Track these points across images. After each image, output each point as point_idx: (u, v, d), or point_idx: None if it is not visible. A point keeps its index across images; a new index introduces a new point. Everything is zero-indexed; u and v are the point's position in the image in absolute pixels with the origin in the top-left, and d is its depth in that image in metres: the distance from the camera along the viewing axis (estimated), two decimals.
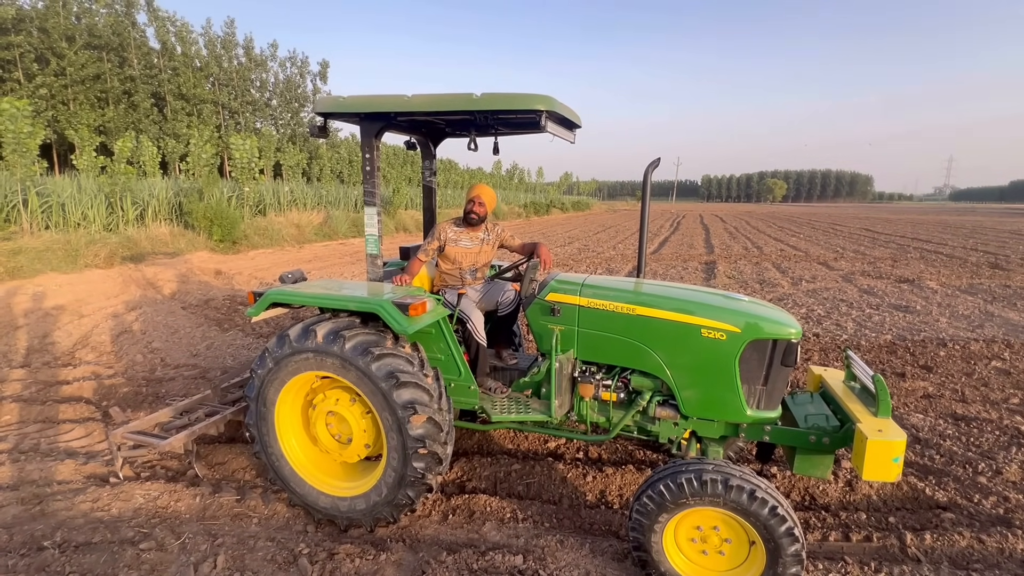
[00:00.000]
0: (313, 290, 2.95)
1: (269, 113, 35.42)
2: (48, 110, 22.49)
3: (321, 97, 2.91)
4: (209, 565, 2.56)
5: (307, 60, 36.24)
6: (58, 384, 4.96)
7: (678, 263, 13.63)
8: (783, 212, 59.08)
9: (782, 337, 2.60)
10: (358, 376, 2.67)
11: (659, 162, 3.14)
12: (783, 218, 40.85)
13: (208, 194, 14.40)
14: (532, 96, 2.55)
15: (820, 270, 12.30)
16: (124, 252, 11.13)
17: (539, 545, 2.76)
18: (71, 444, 3.89)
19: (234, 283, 9.74)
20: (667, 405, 2.89)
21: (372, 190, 3.08)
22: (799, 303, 8.60)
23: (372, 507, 2.83)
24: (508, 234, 3.63)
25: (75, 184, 12.55)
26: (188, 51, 29.38)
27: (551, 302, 2.99)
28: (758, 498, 2.17)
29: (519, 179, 64.51)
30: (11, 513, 3.01)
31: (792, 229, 27.07)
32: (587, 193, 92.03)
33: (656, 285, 3.16)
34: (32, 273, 8.79)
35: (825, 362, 5.68)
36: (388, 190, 24.16)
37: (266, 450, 3.00)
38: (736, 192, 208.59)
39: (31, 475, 3.44)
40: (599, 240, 20.57)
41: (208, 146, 15.97)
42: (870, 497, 3.25)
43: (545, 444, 3.95)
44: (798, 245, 18.43)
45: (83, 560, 2.60)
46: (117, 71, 26.20)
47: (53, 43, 23.18)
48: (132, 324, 6.73)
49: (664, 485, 2.32)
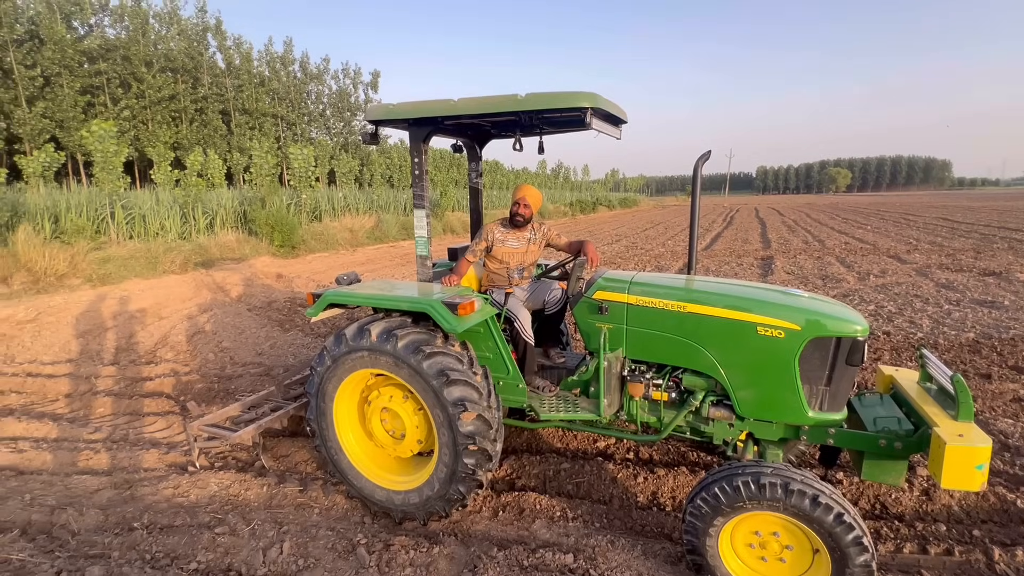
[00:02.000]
0: (367, 291, 3.07)
1: (324, 123, 37.05)
2: (130, 130, 24.57)
3: (372, 105, 3.02)
4: (276, 551, 2.73)
5: (359, 71, 37.65)
6: (142, 380, 5.42)
7: (732, 259, 13.10)
8: (847, 202, 55.43)
9: (847, 335, 2.45)
10: (410, 374, 2.76)
11: (710, 155, 3.04)
12: (847, 209, 38.33)
13: (269, 202, 15.27)
14: (577, 94, 2.54)
15: (891, 263, 11.45)
16: (196, 258, 12.00)
17: (589, 545, 2.74)
18: (155, 435, 4.24)
19: (294, 286, 10.27)
20: (721, 405, 2.80)
21: (421, 193, 3.17)
22: (867, 299, 8.05)
23: (425, 501, 2.92)
24: (554, 233, 3.63)
25: (154, 197, 13.67)
26: (250, 68, 31.23)
27: (599, 300, 2.96)
28: (822, 504, 2.06)
29: (564, 178, 64.08)
30: (106, 496, 3.33)
31: (858, 220, 25.35)
32: (634, 189, 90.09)
33: (708, 282, 3.06)
34: (119, 279, 9.66)
35: (896, 362, 5.30)
36: (436, 193, 24.69)
37: (325, 444, 3.16)
38: (795, 183, 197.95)
39: (122, 462, 3.79)
40: (647, 237, 20.10)
41: (269, 156, 16.91)
42: (951, 508, 3.00)
43: (594, 443, 3.92)
44: (865, 237, 17.24)
45: (167, 541, 2.84)
46: (190, 91, 28.24)
47: (134, 68, 25.30)
48: (204, 325, 7.25)
49: (719, 487, 2.25)
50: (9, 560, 2.61)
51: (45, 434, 4.24)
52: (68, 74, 22.52)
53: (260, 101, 31.02)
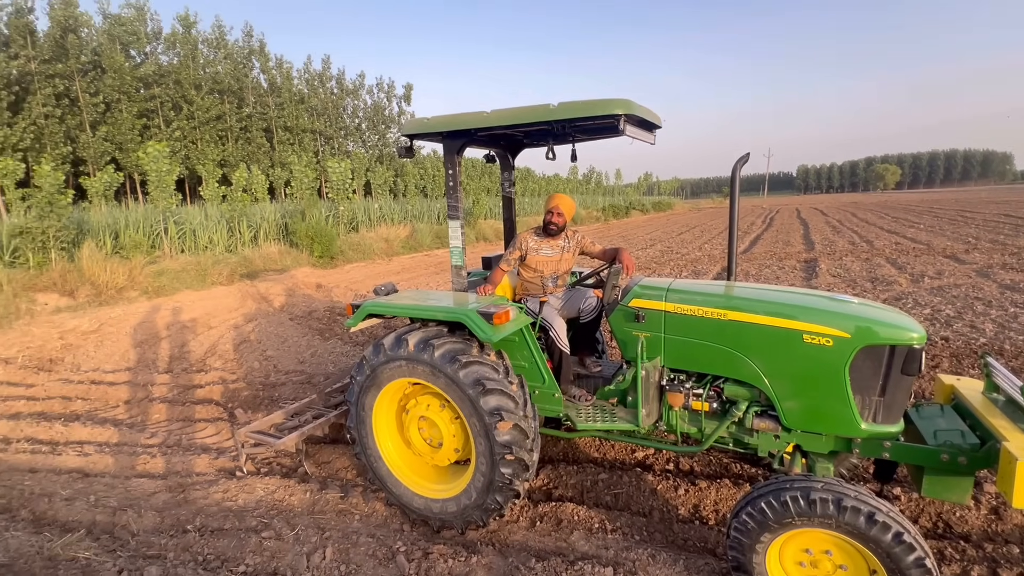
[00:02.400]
0: (404, 301, 3.13)
1: (359, 136, 38.19)
2: (181, 149, 26.04)
3: (407, 120, 3.10)
4: (319, 556, 2.79)
5: (393, 84, 38.69)
6: (193, 387, 5.69)
7: (772, 262, 12.66)
8: (897, 200, 52.70)
9: (901, 342, 2.32)
10: (447, 383, 2.79)
11: (748, 157, 2.96)
12: (897, 207, 36.43)
13: (309, 214, 15.83)
14: (610, 102, 2.52)
15: (947, 264, 10.80)
16: (242, 270, 12.54)
17: (630, 558, 2.68)
18: (205, 440, 4.44)
19: (332, 295, 10.57)
20: (766, 416, 2.70)
21: (455, 204, 3.21)
22: (922, 302, 7.62)
23: (463, 510, 2.93)
24: (588, 240, 3.60)
25: (203, 212, 14.41)
26: (291, 87, 32.59)
27: (635, 308, 2.92)
28: (879, 522, 1.95)
29: (596, 183, 63.69)
30: (162, 499, 3.50)
31: (909, 219, 24.05)
32: (668, 193, 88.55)
33: (749, 288, 2.98)
34: (172, 291, 10.20)
35: (957, 370, 4.98)
36: (468, 201, 24.99)
37: (365, 451, 3.22)
38: (838, 181, 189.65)
39: (176, 467, 3.98)
40: (683, 241, 19.69)
41: (308, 171, 17.57)
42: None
43: (632, 453, 3.85)
44: (917, 237, 16.33)
45: (217, 544, 2.95)
46: (235, 111, 29.71)
47: (184, 92, 26.85)
48: (250, 334, 7.55)
49: (766, 502, 2.16)
50: (77, 558, 2.78)
51: (107, 439, 4.51)
52: (127, 99, 24.09)
53: (300, 118, 32.29)
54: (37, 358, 6.71)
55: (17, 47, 20.47)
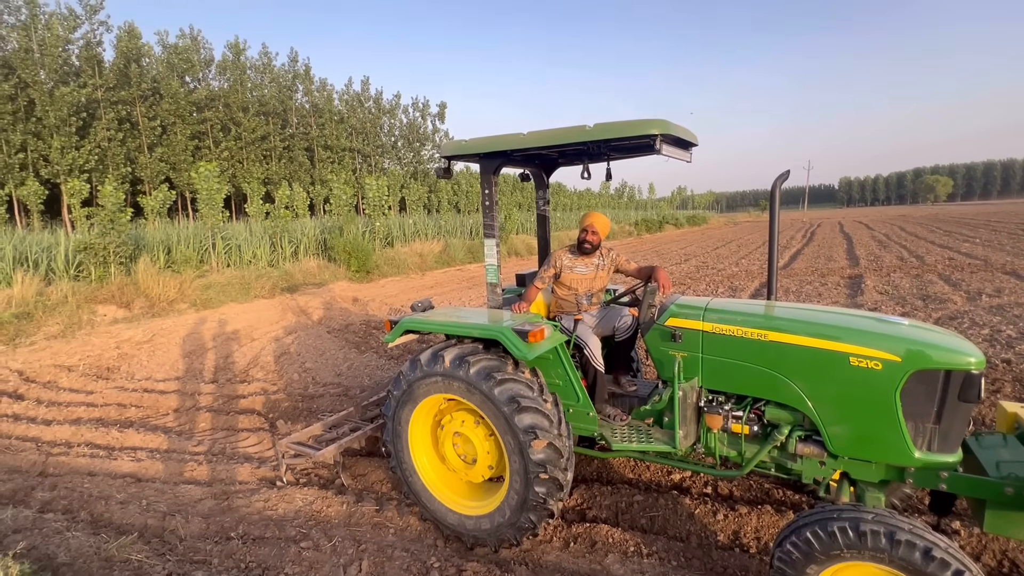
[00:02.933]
0: (440, 318, 3.19)
1: (395, 154, 39.32)
2: (229, 169, 27.44)
3: (446, 143, 3.19)
4: (355, 568, 2.84)
5: (428, 103, 39.79)
6: (237, 398, 5.92)
7: (814, 278, 12.21)
8: (949, 213, 50.06)
9: (958, 367, 2.21)
10: (482, 400, 2.82)
11: (788, 175, 2.91)
12: (950, 220, 34.60)
13: (347, 230, 16.32)
14: (646, 122, 2.54)
15: (1007, 281, 10.17)
16: (282, 284, 13.01)
17: None
18: (248, 450, 4.60)
19: (368, 309, 10.83)
20: (810, 441, 2.60)
21: (492, 223, 3.27)
22: (979, 322, 7.19)
23: (496, 528, 2.93)
24: (623, 258, 3.60)
25: (247, 228, 15.09)
26: (331, 108, 33.97)
27: (672, 327, 2.88)
28: (936, 558, 1.84)
29: (629, 197, 63.24)
30: (208, 506, 3.64)
31: (963, 233, 22.79)
32: (703, 207, 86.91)
33: (791, 308, 2.90)
34: (218, 304, 10.67)
35: (1021, 396, 4.66)
36: (501, 216, 25.22)
37: (400, 465, 3.27)
38: (884, 194, 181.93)
39: (220, 475, 4.14)
40: (719, 256, 19.25)
41: (347, 188, 18.18)
42: None
43: (668, 475, 3.76)
44: (973, 252, 15.45)
45: (259, 552, 3.05)
46: (280, 132, 31.17)
47: (233, 114, 28.39)
48: (290, 347, 7.81)
49: (812, 532, 2.08)
50: (130, 560, 2.92)
51: (158, 445, 4.73)
52: (181, 122, 25.66)
53: (340, 137, 33.55)
54: (96, 366, 7.14)
55: (86, 77, 22.18)
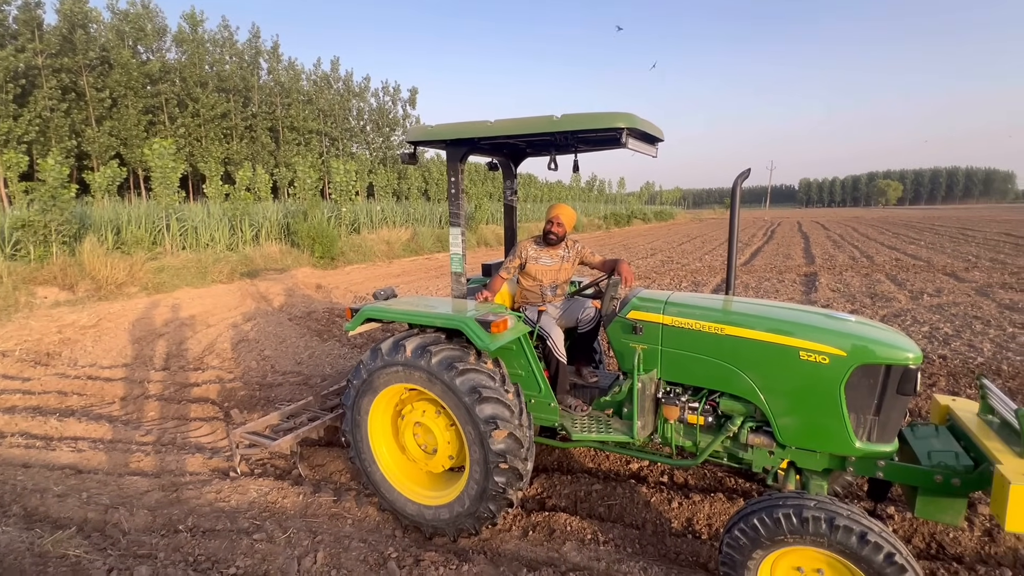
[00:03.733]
0: (402, 307, 3.14)
1: (364, 138, 38.35)
2: (185, 146, 26.14)
3: (412, 127, 3.12)
4: (310, 560, 2.79)
5: (398, 88, 38.92)
6: (190, 386, 5.69)
7: (772, 275, 12.67)
8: (898, 216, 52.79)
9: (897, 362, 2.33)
10: (443, 390, 2.79)
11: (749, 173, 2.98)
12: (898, 223, 36.49)
13: (311, 215, 15.86)
14: (612, 115, 2.54)
15: (947, 282, 10.82)
16: (242, 268, 12.56)
17: (621, 571, 2.68)
18: (200, 440, 4.43)
19: (332, 296, 10.58)
20: (761, 432, 2.70)
21: (457, 211, 3.23)
22: (920, 320, 7.62)
23: (455, 517, 2.92)
24: (588, 251, 3.62)
25: (205, 210, 14.44)
26: (299, 87, 32.76)
27: (633, 320, 2.92)
28: (871, 542, 1.95)
29: (599, 191, 63.81)
30: (154, 498, 3.50)
31: (910, 236, 24.09)
32: (670, 202, 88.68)
33: (747, 303, 2.98)
34: (172, 288, 10.21)
35: (954, 390, 4.98)
36: (470, 206, 25.05)
37: (360, 456, 3.22)
38: (840, 196, 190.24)
39: (169, 465, 3.97)
40: (684, 251, 19.72)
41: (312, 171, 17.62)
42: (1018, 551, 2.78)
43: (627, 465, 3.85)
44: (918, 253, 16.36)
45: (209, 545, 2.95)
46: (241, 110, 29.85)
47: (190, 89, 27.00)
48: (248, 333, 7.56)
49: (759, 519, 2.16)
50: (67, 556, 2.77)
51: (101, 435, 4.50)
52: (132, 95, 24.21)
53: (307, 119, 32.44)
54: (34, 352, 6.71)
55: (24, 40, 20.60)
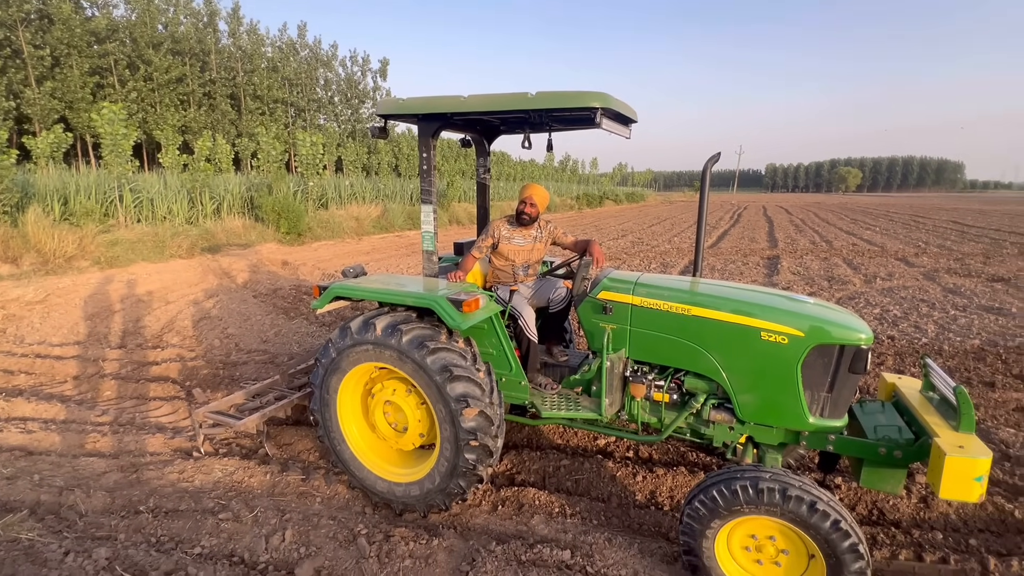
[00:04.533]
0: (372, 285, 3.09)
1: (332, 110, 36.96)
2: (138, 112, 24.61)
3: (382, 100, 3.02)
4: (278, 538, 2.77)
5: (368, 58, 37.50)
6: (148, 364, 5.49)
7: (738, 258, 13.05)
8: (856, 203, 54.92)
9: (850, 342, 2.45)
10: (414, 368, 2.78)
11: (719, 157, 3.03)
12: (856, 209, 37.99)
13: (276, 189, 15.29)
14: (586, 94, 2.53)
15: (898, 266, 11.38)
16: (203, 243, 12.06)
17: (587, 542, 2.77)
18: (160, 419, 4.30)
19: (299, 273, 10.32)
20: (722, 408, 2.81)
21: (429, 188, 3.17)
22: (872, 302, 8.02)
23: (426, 494, 2.95)
24: (560, 231, 3.63)
25: (161, 181, 13.72)
26: (262, 52, 31.15)
27: (603, 300, 2.97)
28: (819, 510, 2.08)
29: (572, 171, 63.72)
30: (113, 479, 3.39)
31: (866, 222, 25.14)
32: (642, 184, 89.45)
33: (713, 285, 3.06)
34: (126, 262, 9.73)
35: (901, 368, 5.29)
36: (442, 183, 24.64)
37: (329, 434, 3.19)
38: (804, 182, 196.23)
39: (128, 446, 3.85)
40: (654, 233, 20.02)
41: (277, 143, 16.91)
42: (948, 516, 3.02)
43: (595, 441, 3.95)
44: (873, 239, 17.11)
45: (172, 525, 2.89)
46: (198, 75, 28.21)
47: (141, 51, 25.29)
48: (210, 311, 7.31)
49: (717, 491, 2.27)
50: (19, 540, 2.67)
51: (53, 415, 4.31)
52: (77, 55, 22.53)
53: (271, 87, 30.96)
54: None
55: None
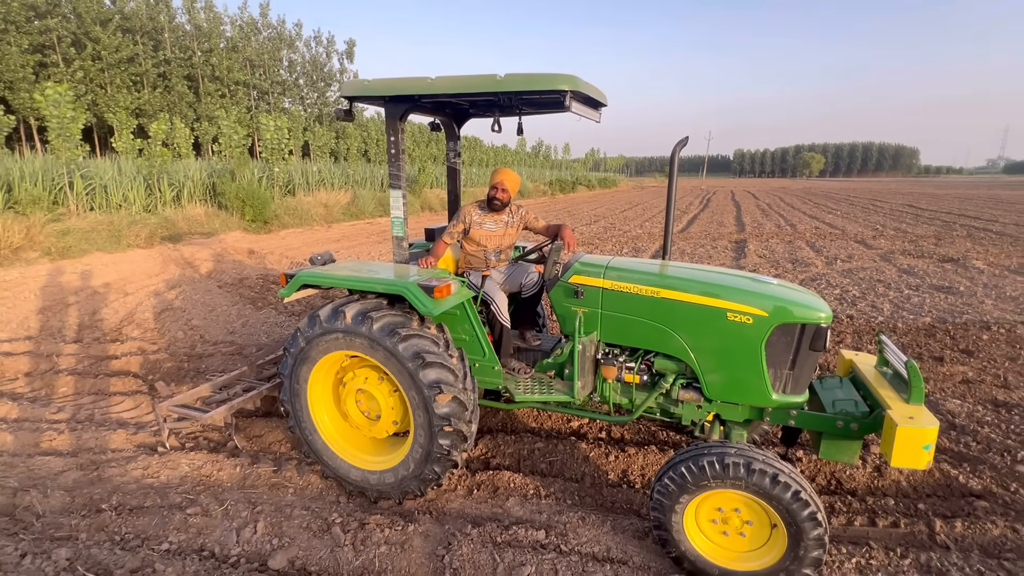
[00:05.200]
0: (341, 272, 3.03)
1: (297, 93, 35.68)
2: (87, 94, 23.23)
3: (347, 81, 2.93)
4: (250, 531, 2.73)
5: (333, 38, 36.22)
6: (108, 359, 5.27)
7: (707, 242, 13.33)
8: (820, 187, 56.68)
9: (811, 321, 2.54)
10: (385, 356, 2.75)
11: (687, 141, 3.06)
12: (819, 194, 39.22)
13: (240, 175, 14.75)
14: (556, 76, 2.51)
15: (857, 249, 11.84)
16: (163, 232, 11.57)
17: (561, 521, 2.83)
18: (122, 415, 4.15)
19: (266, 263, 10.03)
20: (691, 388, 2.89)
21: (398, 173, 3.11)
22: (833, 284, 8.33)
23: (400, 481, 2.95)
24: (532, 216, 3.62)
25: (115, 167, 13.03)
26: (220, 32, 29.71)
27: (575, 284, 2.99)
28: (781, 482, 2.17)
29: (544, 156, 63.56)
30: (72, 478, 3.26)
31: (828, 206, 26.00)
32: (614, 169, 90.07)
33: (681, 268, 3.12)
34: (80, 253, 9.26)
35: (859, 346, 5.53)
36: (414, 169, 24.23)
37: (300, 425, 3.14)
38: (770, 167, 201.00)
39: (88, 443, 3.70)
40: (626, 218, 20.23)
41: (239, 127, 16.26)
42: (899, 483, 3.20)
43: (568, 424, 4.01)
44: (834, 222, 17.73)
45: (137, 522, 2.81)
46: (151, 54, 26.75)
47: (87, 28, 23.78)
48: (173, 302, 7.05)
49: (686, 467, 2.34)
50: None
51: (4, 414, 4.10)
52: (15, 30, 21.03)
53: (232, 69, 29.62)
54: None
55: None
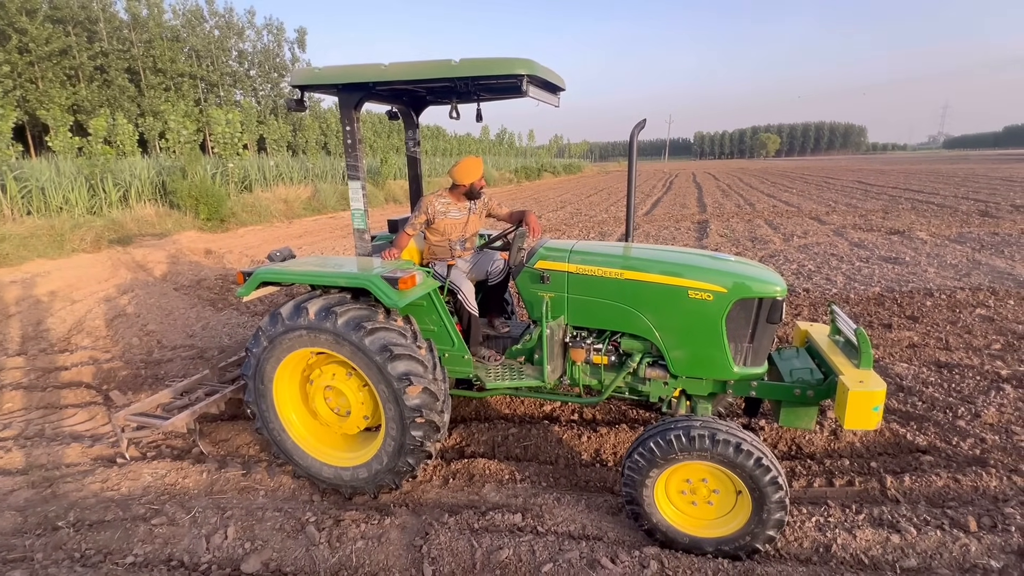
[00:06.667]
0: (302, 267, 2.95)
1: (250, 84, 34.23)
2: (16, 89, 21.65)
3: (297, 69, 2.83)
4: (220, 536, 2.66)
5: (283, 27, 34.79)
6: (57, 370, 5.00)
7: (671, 223, 13.60)
8: (776, 167, 58.52)
9: (767, 295, 2.64)
10: (352, 351, 2.71)
11: (645, 124, 3.09)
12: (776, 173, 40.51)
13: (191, 172, 14.10)
14: (512, 60, 2.49)
15: (812, 225, 12.32)
16: (110, 235, 11.00)
17: (537, 503, 2.87)
18: (76, 428, 3.95)
19: (225, 262, 9.68)
20: (657, 366, 2.96)
21: (355, 163, 3.03)
22: (790, 259, 8.66)
23: (374, 475, 2.93)
24: (495, 203, 3.60)
25: (53, 167, 12.25)
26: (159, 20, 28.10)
27: (540, 270, 3.00)
28: (743, 451, 2.26)
29: (508, 144, 63.19)
30: (23, 497, 3.10)
31: (785, 184, 26.90)
32: (579, 155, 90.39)
33: (643, 249, 3.17)
34: (18, 260, 8.71)
35: (814, 317, 5.78)
36: (376, 160, 23.70)
37: (267, 426, 3.07)
38: (729, 148, 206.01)
39: (39, 459, 3.52)
40: (591, 203, 20.41)
41: (188, 122, 15.50)
42: (854, 445, 3.38)
43: (540, 408, 4.05)
44: (791, 200, 18.37)
45: (98, 537, 2.70)
46: (86, 46, 25.11)
47: (11, 18, 22.09)
48: (125, 307, 6.72)
49: (654, 442, 2.41)
50: None
51: None
52: None
53: (175, 59, 28.12)
54: None
55: None
